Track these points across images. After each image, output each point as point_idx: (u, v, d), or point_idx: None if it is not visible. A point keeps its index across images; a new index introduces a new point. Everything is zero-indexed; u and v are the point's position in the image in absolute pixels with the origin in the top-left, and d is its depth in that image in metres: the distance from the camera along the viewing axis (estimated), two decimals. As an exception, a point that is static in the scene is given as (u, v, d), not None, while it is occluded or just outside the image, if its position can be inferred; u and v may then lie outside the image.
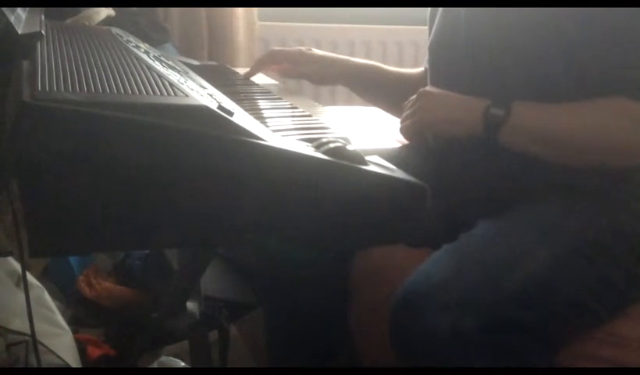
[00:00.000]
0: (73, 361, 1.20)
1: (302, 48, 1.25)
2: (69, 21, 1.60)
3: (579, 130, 0.91)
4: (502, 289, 0.82)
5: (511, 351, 0.81)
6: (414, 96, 1.01)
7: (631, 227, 0.94)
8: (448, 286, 0.82)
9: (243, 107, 0.82)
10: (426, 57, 1.18)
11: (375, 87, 1.26)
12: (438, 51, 1.12)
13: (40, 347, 1.09)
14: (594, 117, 0.91)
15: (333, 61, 1.24)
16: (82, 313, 1.48)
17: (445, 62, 1.09)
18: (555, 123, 0.92)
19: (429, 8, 1.17)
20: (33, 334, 0.95)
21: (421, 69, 1.26)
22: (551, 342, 0.85)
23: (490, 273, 0.84)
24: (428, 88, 1.04)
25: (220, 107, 0.64)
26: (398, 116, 1.06)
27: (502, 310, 0.81)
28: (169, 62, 0.94)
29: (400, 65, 2.29)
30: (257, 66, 1.24)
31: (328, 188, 0.66)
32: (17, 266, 1.21)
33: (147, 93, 0.65)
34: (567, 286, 0.86)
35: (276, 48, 1.30)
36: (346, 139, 0.76)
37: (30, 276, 1.19)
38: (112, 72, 0.71)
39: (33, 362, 1.08)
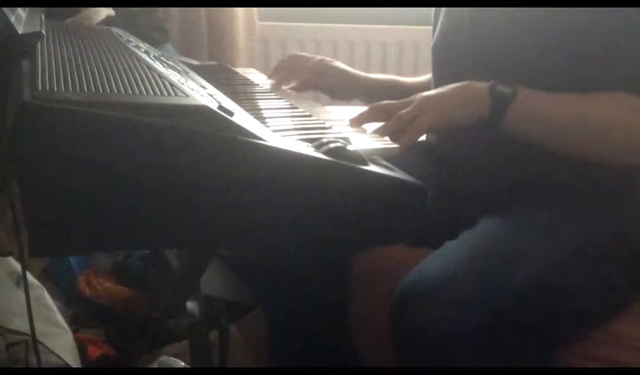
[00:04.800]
0: (73, 361, 1.20)
1: (325, 58, 1.21)
2: (69, 21, 1.60)
3: (584, 115, 0.90)
4: (503, 288, 0.81)
5: (511, 350, 0.81)
6: (407, 103, 0.91)
7: (633, 228, 0.94)
8: (448, 283, 0.81)
9: (243, 107, 0.82)
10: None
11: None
12: (441, 52, 1.11)
13: (40, 347, 1.09)
14: (599, 105, 0.90)
15: (351, 77, 1.20)
16: (82, 313, 1.48)
17: (448, 63, 1.08)
18: (561, 107, 0.91)
19: (433, 9, 1.16)
20: (33, 334, 0.96)
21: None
22: (551, 343, 0.85)
23: (491, 271, 0.83)
24: (420, 93, 0.96)
25: (220, 107, 0.64)
26: None
27: (502, 309, 0.80)
28: (169, 62, 0.94)
29: (400, 65, 2.31)
30: (280, 75, 1.18)
31: (328, 188, 0.66)
32: (17, 266, 1.21)
33: (148, 93, 0.65)
34: (568, 288, 0.86)
35: (297, 53, 1.24)
36: (346, 139, 0.76)
37: (30, 276, 1.19)
38: (112, 72, 0.71)
39: (33, 362, 1.08)
